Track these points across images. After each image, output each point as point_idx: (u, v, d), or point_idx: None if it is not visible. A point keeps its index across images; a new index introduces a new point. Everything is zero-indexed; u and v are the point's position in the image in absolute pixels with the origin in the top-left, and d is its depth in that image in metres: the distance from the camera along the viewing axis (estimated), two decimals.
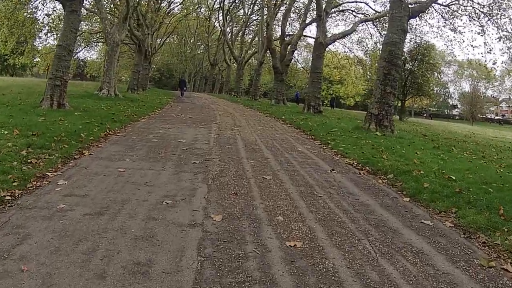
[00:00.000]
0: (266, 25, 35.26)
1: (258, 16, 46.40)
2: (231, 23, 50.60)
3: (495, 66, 31.28)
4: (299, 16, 37.06)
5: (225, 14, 46.42)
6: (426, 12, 22.59)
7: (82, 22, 35.21)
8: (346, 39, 34.01)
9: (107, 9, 29.44)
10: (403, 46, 15.98)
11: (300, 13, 36.85)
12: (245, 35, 52.58)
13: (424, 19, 25.33)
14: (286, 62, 33.51)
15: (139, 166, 6.70)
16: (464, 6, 21.45)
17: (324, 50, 26.25)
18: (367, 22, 31.04)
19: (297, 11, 37.88)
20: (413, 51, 39.66)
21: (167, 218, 4.28)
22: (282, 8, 37.68)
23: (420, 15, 21.72)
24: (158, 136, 10.25)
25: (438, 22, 46.21)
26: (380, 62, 15.28)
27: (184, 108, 22.24)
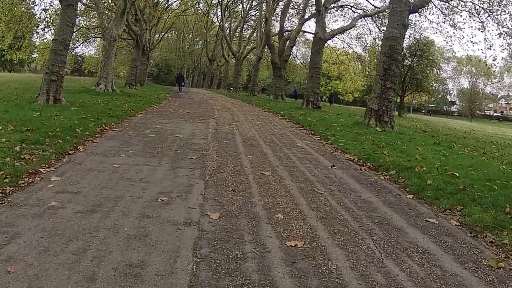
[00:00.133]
0: (264, 20, 34.97)
1: (256, 12, 46.12)
2: (229, 18, 50.36)
3: (495, 62, 31.07)
4: (298, 11, 36.90)
5: (223, 9, 46.21)
6: (426, 7, 22.40)
7: (80, 18, 34.98)
8: (345, 34, 33.84)
9: (105, 3, 29.07)
10: (403, 41, 15.78)
11: (299, 8, 36.71)
12: (243, 30, 52.43)
13: (424, 14, 25.18)
14: (285, 57, 33.30)
15: (135, 162, 6.52)
16: (464, 2, 21.25)
17: (323, 46, 26.04)
18: (366, 18, 30.81)
19: (295, 6, 37.74)
20: (412, 47, 39.50)
21: (161, 216, 4.10)
22: (280, 3, 37.50)
23: (420, 10, 21.52)
24: (155, 131, 10.06)
25: (437, 18, 45.95)
26: (380, 57, 15.09)
27: (182, 103, 22.02)
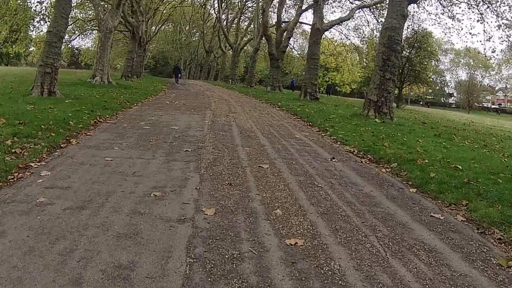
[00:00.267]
0: (262, 11, 34.54)
1: (253, 3, 45.70)
2: (226, 9, 50.00)
3: (494, 54, 30.82)
4: (295, 2, 36.43)
5: (220, 0, 45.77)
6: None
7: (76, 10, 34.63)
8: (343, 26, 33.59)
9: None
10: (402, 31, 15.52)
11: None
12: (240, 22, 51.98)
13: (422, 6, 24.89)
14: (282, 48, 32.97)
15: (128, 155, 6.29)
16: None
17: (321, 36, 25.81)
18: (364, 9, 30.49)
19: None
20: (410, 38, 39.22)
21: (154, 213, 3.88)
22: None
23: (419, 1, 21.26)
24: (150, 123, 9.82)
25: (436, 9, 45.64)
26: (379, 48, 14.84)
27: (178, 95, 21.75)
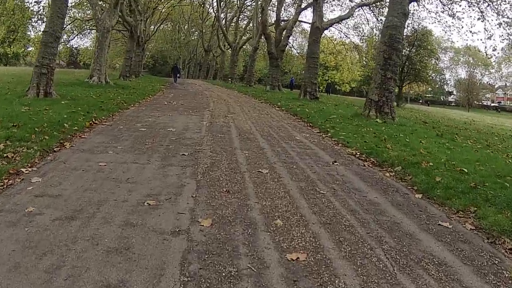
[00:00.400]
0: (261, 10, 34.39)
1: (252, 1, 45.54)
2: (225, 8, 49.76)
3: (495, 52, 30.61)
4: (294, 1, 36.19)
5: None
6: None
7: (75, 10, 34.41)
8: (342, 24, 33.38)
9: None
10: (403, 30, 15.31)
11: None
12: (239, 20, 51.78)
13: (422, 4, 24.66)
14: (281, 47, 32.79)
15: (123, 159, 6.07)
16: None
17: (320, 35, 25.60)
18: (363, 7, 30.26)
19: None
20: (410, 37, 39.06)
21: (147, 224, 3.67)
22: None
23: None
24: (147, 125, 9.60)
25: (436, 7, 45.35)
26: (380, 46, 14.62)
27: (177, 95, 21.52)
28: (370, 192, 5.25)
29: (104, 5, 27.70)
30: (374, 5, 29.09)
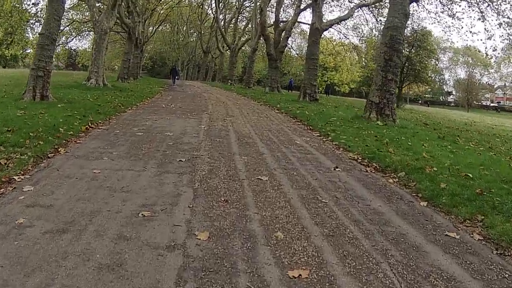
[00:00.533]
0: (259, 11, 34.25)
1: (251, 2, 45.44)
2: (223, 10, 49.62)
3: (495, 53, 30.43)
4: (293, 1, 36.05)
5: (217, 0, 45.46)
6: None
7: (73, 11, 34.25)
8: (341, 25, 33.18)
9: None
10: (404, 30, 15.17)
11: None
12: (238, 22, 51.76)
13: (422, 4, 24.51)
14: (280, 48, 32.66)
15: (118, 166, 5.89)
16: None
17: (320, 36, 25.44)
18: (363, 8, 30.10)
19: None
20: (410, 37, 38.91)
21: (141, 237, 3.49)
22: None
23: None
24: (144, 129, 9.43)
25: (436, 7, 45.25)
26: (381, 48, 14.48)
27: (175, 97, 21.36)
28: (373, 200, 5.07)
29: (102, 6, 27.53)
30: (373, 5, 28.94)
